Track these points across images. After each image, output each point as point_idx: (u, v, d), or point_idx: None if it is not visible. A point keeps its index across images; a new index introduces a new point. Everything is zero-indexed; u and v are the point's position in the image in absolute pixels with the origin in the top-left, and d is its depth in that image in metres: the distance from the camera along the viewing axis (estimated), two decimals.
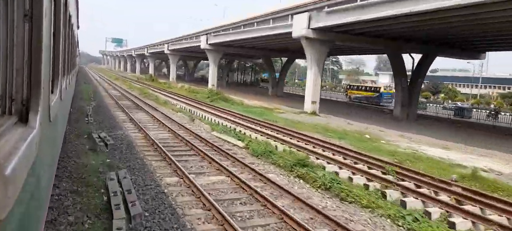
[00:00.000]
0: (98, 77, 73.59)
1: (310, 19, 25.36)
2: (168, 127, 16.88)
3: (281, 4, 34.50)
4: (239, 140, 15.07)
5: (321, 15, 24.78)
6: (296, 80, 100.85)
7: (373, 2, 20.55)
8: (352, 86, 57.24)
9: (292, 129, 17.83)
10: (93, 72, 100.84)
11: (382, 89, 49.76)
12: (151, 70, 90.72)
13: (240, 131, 17.21)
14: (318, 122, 22.72)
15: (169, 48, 67.71)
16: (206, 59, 65.56)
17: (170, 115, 21.12)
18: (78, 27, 12.95)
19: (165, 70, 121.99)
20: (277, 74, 54.34)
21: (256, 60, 79.69)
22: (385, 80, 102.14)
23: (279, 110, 28.70)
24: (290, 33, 27.26)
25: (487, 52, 34.79)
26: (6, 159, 1.31)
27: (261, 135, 16.37)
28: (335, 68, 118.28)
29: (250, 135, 16.21)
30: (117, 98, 29.61)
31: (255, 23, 37.58)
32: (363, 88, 53.92)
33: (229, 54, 56.83)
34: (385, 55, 46.58)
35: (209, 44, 46.53)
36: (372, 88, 52.70)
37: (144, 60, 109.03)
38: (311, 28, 25.40)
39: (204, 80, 73.23)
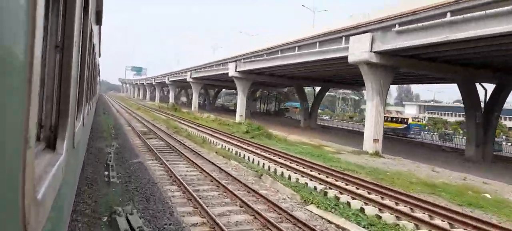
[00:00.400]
0: (118, 106, 76.23)
1: (373, 40, 23.94)
2: (237, 197, 11.90)
3: (332, 25, 30.55)
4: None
5: (389, 35, 23.18)
6: (319, 110, 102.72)
7: (469, 18, 18.04)
8: None
9: (384, 185, 15.00)
10: (113, 100, 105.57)
11: (410, 121, 51.31)
12: (171, 99, 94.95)
13: (326, 193, 13.87)
14: (395, 169, 20.45)
15: (192, 76, 69.34)
16: (230, 87, 67.91)
17: (222, 165, 17.63)
18: (99, 56, 13.90)
19: (184, 98, 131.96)
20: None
21: (281, 89, 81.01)
22: (411, 111, 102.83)
23: (331, 150, 27.31)
24: (345, 57, 26.00)
25: None
26: (37, 184, 1.49)
27: (357, 199, 13.15)
28: (357, 97, 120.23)
29: (345, 200, 12.97)
30: (144, 135, 26.90)
31: (296, 48, 35.25)
32: (388, 119, 53.43)
33: (258, 83, 57.22)
34: (406, 86, 50.29)
35: (238, 71, 46.74)
36: (399, 119, 54.23)
37: (164, 88, 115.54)
38: (374, 51, 23.95)
39: (224, 109, 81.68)
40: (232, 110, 79.30)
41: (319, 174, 17.01)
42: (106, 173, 13.53)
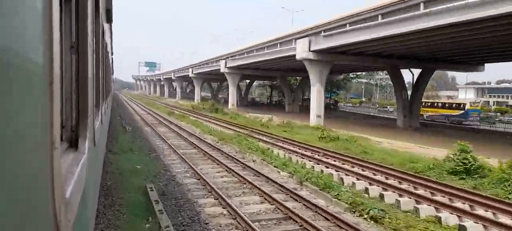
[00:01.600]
0: (136, 106, 52.27)
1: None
2: None
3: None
4: None
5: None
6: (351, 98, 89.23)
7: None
8: (424, 104, 45.52)
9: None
10: (128, 99, 79.85)
11: (468, 106, 39.15)
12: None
13: None
14: None
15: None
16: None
17: None
18: (112, 54, 13.42)
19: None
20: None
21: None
22: (468, 95, 74.24)
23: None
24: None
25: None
26: (64, 183, 1.32)
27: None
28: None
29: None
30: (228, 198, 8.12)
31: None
32: (440, 105, 43.99)
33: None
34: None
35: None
36: (454, 105, 41.93)
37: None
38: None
39: (258, 104, 68.17)
40: (265, 104, 69.65)
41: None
42: None
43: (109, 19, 5.81)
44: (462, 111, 38.97)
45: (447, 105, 43.08)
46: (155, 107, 47.72)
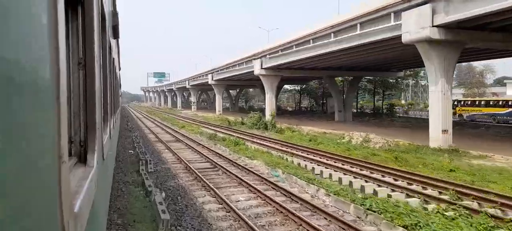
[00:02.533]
0: (151, 123, 48.66)
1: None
2: None
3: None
4: None
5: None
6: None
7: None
8: (463, 102, 49.21)
9: None
10: (137, 112, 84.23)
11: None
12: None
13: None
14: None
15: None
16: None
17: None
18: (119, 69, 14.31)
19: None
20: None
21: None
22: None
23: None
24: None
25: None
26: (73, 197, 1.57)
27: None
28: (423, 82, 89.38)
29: None
30: None
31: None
32: (483, 103, 46.08)
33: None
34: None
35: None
36: (501, 102, 43.82)
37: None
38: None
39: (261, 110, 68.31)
40: (297, 112, 72.90)
41: None
42: None
43: (116, 35, 6.41)
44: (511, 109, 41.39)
45: (492, 103, 45.57)
46: (176, 125, 42.96)
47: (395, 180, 14.33)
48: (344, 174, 15.49)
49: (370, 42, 26.68)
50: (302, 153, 20.94)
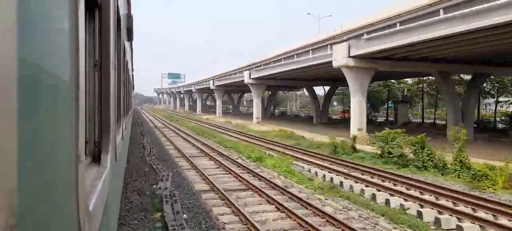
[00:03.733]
0: (184, 142, 25.48)
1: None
2: None
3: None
4: None
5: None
6: None
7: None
8: None
9: None
10: (150, 115, 69.32)
11: None
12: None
13: None
14: None
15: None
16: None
17: None
18: (132, 71, 14.13)
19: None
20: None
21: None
22: None
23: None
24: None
25: None
26: (88, 196, 1.46)
27: None
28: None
29: None
30: None
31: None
32: None
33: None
34: None
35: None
36: None
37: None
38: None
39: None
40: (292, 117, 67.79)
41: None
42: None
43: (130, 38, 6.21)
44: None
45: None
46: (236, 149, 22.16)
47: None
48: None
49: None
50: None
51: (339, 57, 26.06)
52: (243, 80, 48.85)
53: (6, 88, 0.57)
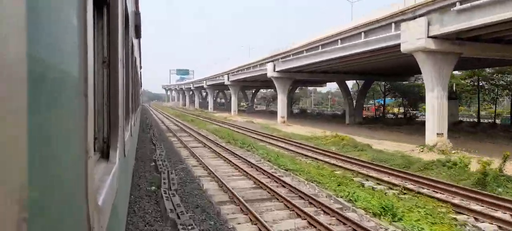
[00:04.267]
0: (195, 144, 24.40)
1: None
2: None
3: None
4: None
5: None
6: None
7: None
8: None
9: None
10: (159, 114, 69.00)
11: None
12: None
13: None
14: None
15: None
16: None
17: None
18: (140, 68, 14.48)
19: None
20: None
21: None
22: None
23: None
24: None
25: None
26: (97, 191, 1.59)
27: None
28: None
29: None
30: None
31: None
32: None
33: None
34: None
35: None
36: None
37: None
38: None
39: (271, 113, 65.20)
40: (322, 116, 65.95)
41: None
42: None
43: (138, 35, 6.45)
44: None
45: None
46: (296, 171, 15.35)
47: None
48: None
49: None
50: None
51: (412, 38, 21.58)
52: (266, 74, 46.67)
53: (16, 85, 0.63)
